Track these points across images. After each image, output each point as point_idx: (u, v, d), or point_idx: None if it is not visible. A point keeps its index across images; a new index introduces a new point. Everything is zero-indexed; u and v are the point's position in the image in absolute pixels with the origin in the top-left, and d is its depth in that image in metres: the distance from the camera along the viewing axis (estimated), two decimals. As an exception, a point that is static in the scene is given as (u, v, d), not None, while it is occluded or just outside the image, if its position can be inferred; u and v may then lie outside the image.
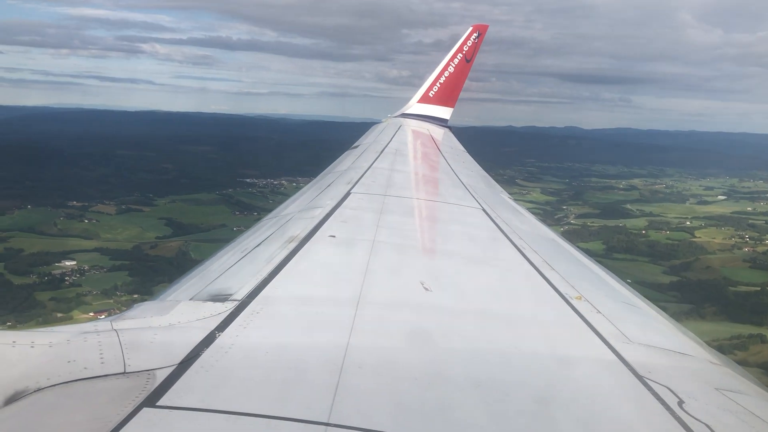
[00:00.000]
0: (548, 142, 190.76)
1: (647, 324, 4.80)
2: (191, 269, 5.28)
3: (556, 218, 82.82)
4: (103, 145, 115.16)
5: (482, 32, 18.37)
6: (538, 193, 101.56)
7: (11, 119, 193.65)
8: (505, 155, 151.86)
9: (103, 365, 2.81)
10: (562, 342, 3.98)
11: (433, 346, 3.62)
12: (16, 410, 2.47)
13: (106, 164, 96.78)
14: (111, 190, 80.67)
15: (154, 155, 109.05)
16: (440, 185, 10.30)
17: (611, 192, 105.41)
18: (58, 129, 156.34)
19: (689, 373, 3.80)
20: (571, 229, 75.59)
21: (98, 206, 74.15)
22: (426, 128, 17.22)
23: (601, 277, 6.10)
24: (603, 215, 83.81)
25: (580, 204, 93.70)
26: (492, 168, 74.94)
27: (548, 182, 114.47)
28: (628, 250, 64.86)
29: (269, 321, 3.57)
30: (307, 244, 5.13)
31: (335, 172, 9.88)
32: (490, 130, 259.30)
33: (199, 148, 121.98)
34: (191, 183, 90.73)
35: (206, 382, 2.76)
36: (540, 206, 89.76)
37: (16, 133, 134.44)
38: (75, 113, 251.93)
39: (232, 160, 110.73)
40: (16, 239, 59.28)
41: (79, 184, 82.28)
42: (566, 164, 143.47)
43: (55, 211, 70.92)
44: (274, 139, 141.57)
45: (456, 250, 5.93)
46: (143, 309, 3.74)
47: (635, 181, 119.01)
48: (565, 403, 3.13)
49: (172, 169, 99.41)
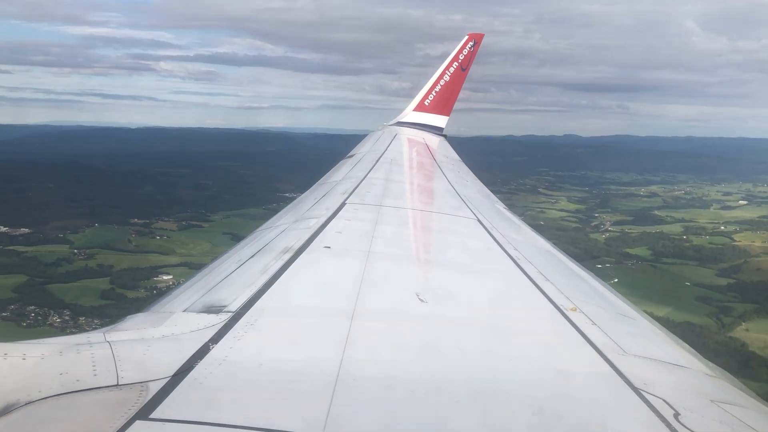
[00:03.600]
0: (558, 151, 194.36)
1: (643, 336, 4.80)
2: (185, 280, 5.25)
3: (593, 225, 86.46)
4: (138, 163, 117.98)
5: (478, 41, 18.32)
6: (565, 202, 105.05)
7: (25, 138, 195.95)
8: (518, 165, 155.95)
9: (95, 377, 2.79)
10: (557, 354, 3.98)
11: (428, 358, 3.61)
12: (8, 423, 2.47)
13: (149, 182, 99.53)
14: (166, 207, 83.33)
15: (190, 172, 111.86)
16: (435, 195, 10.22)
17: (635, 199, 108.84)
18: (78, 147, 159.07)
19: (685, 385, 3.79)
20: (612, 236, 78.98)
21: (159, 223, 76.91)
22: (422, 137, 17.11)
23: (596, 288, 6.11)
24: (636, 222, 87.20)
25: (609, 211, 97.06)
26: (511, 178, 79.76)
27: (569, 191, 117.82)
28: (676, 255, 68.26)
29: (263, 333, 3.56)
30: (302, 255, 5.12)
31: (330, 182, 9.85)
32: (492, 140, 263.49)
33: (229, 164, 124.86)
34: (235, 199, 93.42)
35: (200, 395, 2.76)
36: (572, 214, 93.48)
37: (41, 153, 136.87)
38: (85, 131, 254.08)
39: (264, 175, 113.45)
40: (101, 256, 61.89)
41: (133, 201, 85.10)
42: (579, 172, 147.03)
43: (121, 228, 73.63)
44: (289, 152, 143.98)
45: (451, 261, 5.93)
46: (136, 320, 3.74)
47: (653, 188, 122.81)
48: (561, 415, 3.13)
49: (212, 185, 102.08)
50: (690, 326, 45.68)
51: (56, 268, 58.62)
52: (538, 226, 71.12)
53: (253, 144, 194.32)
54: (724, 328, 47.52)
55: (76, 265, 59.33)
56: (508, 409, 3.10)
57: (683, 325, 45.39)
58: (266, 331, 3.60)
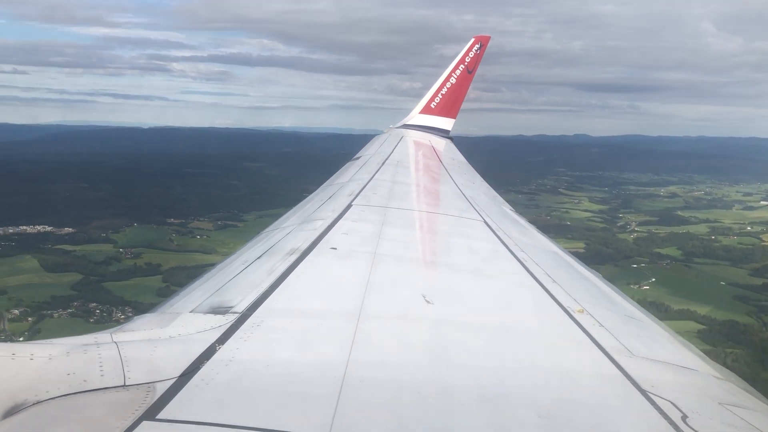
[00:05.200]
0: (572, 151, 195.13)
1: (650, 338, 4.78)
2: (192, 281, 5.30)
3: (619, 226, 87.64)
4: (163, 163, 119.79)
5: (484, 44, 18.29)
6: (587, 202, 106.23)
7: (41, 138, 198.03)
8: (534, 165, 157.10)
9: (102, 378, 2.81)
10: (564, 355, 3.97)
11: (435, 359, 3.61)
12: (16, 423, 2.49)
13: (179, 182, 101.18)
14: (199, 208, 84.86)
15: (217, 172, 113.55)
16: (441, 197, 10.20)
17: (656, 200, 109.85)
18: (96, 146, 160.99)
19: (693, 388, 3.77)
20: (640, 236, 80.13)
21: (195, 222, 78.54)
22: (428, 139, 17.09)
23: (602, 290, 6.11)
24: (661, 222, 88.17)
25: (632, 212, 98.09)
26: (530, 178, 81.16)
27: (589, 191, 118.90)
28: (706, 255, 69.35)
29: (270, 334, 3.58)
30: (309, 257, 5.14)
31: (336, 183, 9.88)
32: (502, 140, 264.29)
33: (254, 164, 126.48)
34: (264, 199, 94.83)
35: (207, 396, 2.77)
36: (597, 215, 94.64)
37: (64, 153, 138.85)
38: (99, 131, 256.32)
39: (288, 175, 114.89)
40: (147, 255, 63.44)
41: (166, 201, 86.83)
42: (596, 173, 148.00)
43: (160, 228, 75.28)
44: (305, 152, 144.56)
45: (458, 263, 5.89)
46: (143, 321, 3.76)
47: (672, 188, 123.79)
48: (568, 417, 3.11)
49: (240, 186, 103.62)
50: (734, 324, 46.97)
51: (107, 267, 60.22)
52: (566, 227, 72.41)
53: (269, 144, 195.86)
54: (766, 327, 48.67)
55: (125, 264, 60.86)
56: (515, 411, 3.09)
57: (728, 324, 46.71)
58: (273, 332, 3.62)
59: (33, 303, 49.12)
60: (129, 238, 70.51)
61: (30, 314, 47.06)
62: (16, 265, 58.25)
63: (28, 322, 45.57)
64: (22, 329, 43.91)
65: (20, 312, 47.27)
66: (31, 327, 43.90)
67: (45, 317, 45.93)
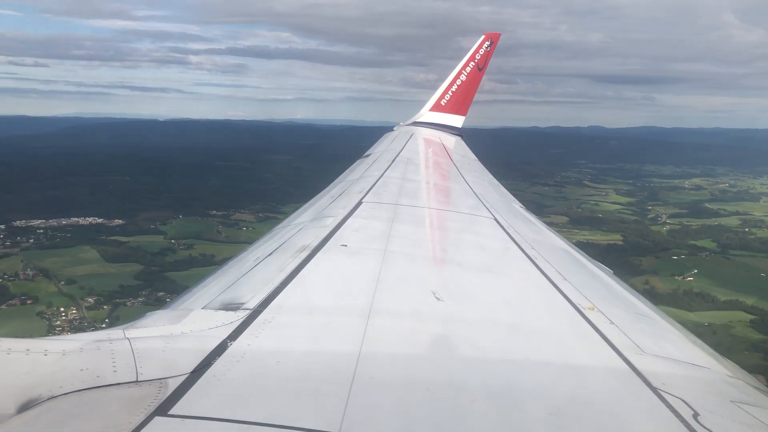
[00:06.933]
0: (590, 143, 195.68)
1: (661, 335, 4.78)
2: (203, 277, 5.36)
3: (650, 218, 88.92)
4: (195, 155, 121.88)
5: (494, 40, 18.26)
6: (614, 195, 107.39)
7: (64, 130, 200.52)
8: (555, 157, 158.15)
9: (115, 373, 2.85)
10: (575, 353, 3.98)
11: (445, 356, 3.64)
12: (30, 418, 2.53)
13: (214, 175, 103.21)
14: (237, 200, 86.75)
15: (248, 165, 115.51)
16: (452, 194, 10.18)
17: (682, 192, 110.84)
18: (120, 138, 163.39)
19: (704, 386, 3.78)
20: (673, 228, 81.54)
21: (237, 214, 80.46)
22: (438, 136, 17.02)
23: (613, 288, 6.11)
24: (691, 214, 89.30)
25: (661, 204, 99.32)
26: (554, 170, 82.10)
27: (614, 183, 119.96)
28: (743, 247, 70.60)
29: (281, 330, 3.61)
30: (319, 254, 5.17)
31: (347, 180, 9.89)
32: (517, 131, 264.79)
33: (283, 157, 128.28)
34: (298, 191, 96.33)
35: (218, 392, 2.80)
36: (626, 207, 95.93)
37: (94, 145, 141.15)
38: (118, 123, 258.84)
39: (315, 168, 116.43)
40: (198, 246, 65.34)
41: (205, 193, 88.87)
42: (617, 165, 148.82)
43: (205, 220, 77.28)
44: (326, 144, 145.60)
45: (468, 260, 5.91)
46: (156, 317, 3.80)
47: (695, 180, 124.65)
48: (579, 415, 3.12)
49: (273, 179, 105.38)
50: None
51: (163, 257, 62.19)
52: (598, 219, 73.59)
53: (287, 136, 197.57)
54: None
55: (180, 255, 62.76)
56: (525, 409, 3.10)
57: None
58: (284, 328, 3.65)
59: (104, 292, 51.14)
60: (177, 229, 72.44)
61: (103, 303, 49.14)
62: (77, 255, 60.37)
63: (104, 310, 47.61)
64: (100, 317, 45.96)
65: (94, 301, 49.37)
66: (109, 315, 45.90)
67: (119, 306, 47.91)
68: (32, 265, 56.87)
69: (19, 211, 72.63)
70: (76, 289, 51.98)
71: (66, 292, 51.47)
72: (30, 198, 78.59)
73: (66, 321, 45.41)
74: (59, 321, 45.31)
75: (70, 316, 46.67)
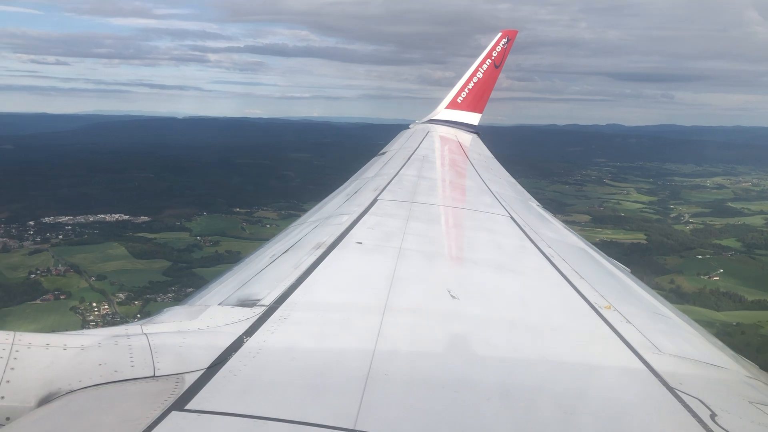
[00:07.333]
0: (609, 141, 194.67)
1: (678, 335, 4.74)
2: (220, 274, 5.41)
3: (673, 217, 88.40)
4: (220, 153, 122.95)
5: (511, 38, 18.17)
6: (635, 193, 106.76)
7: (83, 128, 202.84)
8: (573, 155, 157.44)
9: (133, 368, 2.89)
10: (590, 352, 3.97)
11: (460, 354, 3.64)
12: (49, 411, 2.61)
13: (235, 172, 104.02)
14: (260, 197, 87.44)
15: (268, 162, 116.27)
16: (467, 192, 10.10)
17: (704, 191, 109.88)
18: (141, 136, 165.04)
19: (722, 386, 3.75)
20: (696, 228, 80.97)
21: (259, 212, 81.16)
22: (454, 134, 16.89)
23: (630, 286, 6.08)
24: (714, 213, 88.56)
25: (683, 203, 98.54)
26: (571, 169, 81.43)
27: (635, 182, 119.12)
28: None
29: (296, 326, 3.63)
30: (334, 251, 5.19)
31: (362, 178, 9.88)
32: (534, 129, 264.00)
33: (302, 155, 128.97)
34: (319, 189, 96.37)
35: (234, 387, 2.82)
36: (648, 206, 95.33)
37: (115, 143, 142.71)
38: (139, 121, 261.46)
39: (334, 165, 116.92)
40: (224, 243, 66.10)
41: (228, 191, 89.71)
42: (637, 163, 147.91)
43: (228, 217, 78.08)
44: (343, 142, 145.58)
45: (483, 258, 5.87)
46: (173, 313, 3.83)
47: (718, 179, 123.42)
48: (594, 414, 3.11)
49: (293, 176, 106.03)
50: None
51: (190, 254, 63.04)
52: (621, 218, 73.06)
53: (304, 134, 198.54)
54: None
55: (207, 252, 63.53)
56: (540, 407, 3.10)
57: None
58: (299, 325, 3.67)
59: (134, 287, 52.04)
60: (202, 226, 73.33)
61: (134, 298, 49.95)
62: (106, 251, 61.39)
63: (135, 305, 48.39)
64: (132, 312, 46.69)
65: (125, 296, 50.18)
66: (140, 310, 46.61)
67: (149, 301, 48.64)
68: (63, 261, 58.00)
69: (47, 207, 73.95)
70: (106, 284, 52.94)
71: (97, 288, 52.49)
72: (56, 195, 79.96)
73: (99, 316, 46.29)
74: (92, 316, 46.20)
75: (103, 311, 47.58)
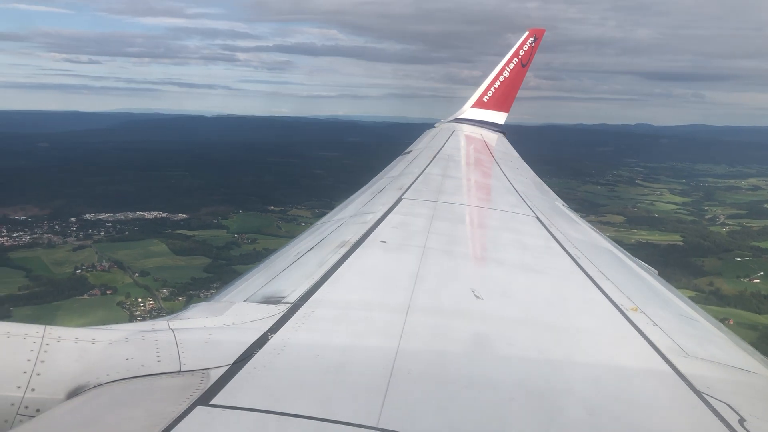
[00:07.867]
0: (639, 141, 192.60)
1: (706, 338, 4.67)
2: (246, 271, 5.46)
3: (708, 219, 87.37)
4: (250, 151, 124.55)
5: (539, 36, 18.04)
6: (668, 194, 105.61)
7: (114, 126, 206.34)
8: (604, 155, 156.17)
9: (159, 363, 2.94)
10: (616, 354, 3.93)
11: (483, 354, 3.62)
12: (78, 404, 2.67)
13: (268, 171, 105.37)
14: (293, 195, 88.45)
15: (300, 161, 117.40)
16: (492, 192, 10.04)
17: (739, 192, 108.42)
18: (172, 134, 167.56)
19: (751, 390, 3.68)
20: (732, 229, 79.96)
21: (294, 210, 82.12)
22: (479, 133, 16.77)
23: (657, 288, 6.00)
24: (751, 215, 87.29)
25: (717, 204, 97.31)
26: (603, 169, 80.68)
27: (668, 183, 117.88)
28: (808, 249, 69.10)
29: (320, 324, 3.65)
30: (358, 249, 5.21)
31: (387, 177, 9.90)
32: (562, 128, 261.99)
33: (331, 153, 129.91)
34: (350, 188, 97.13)
35: (258, 383, 2.86)
36: (682, 207, 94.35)
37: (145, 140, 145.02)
38: (168, 119, 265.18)
39: (364, 165, 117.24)
40: (261, 241, 67.03)
41: (261, 189, 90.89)
42: (669, 164, 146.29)
43: (264, 215, 79.14)
44: (371, 141, 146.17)
45: (508, 258, 5.83)
46: (199, 309, 3.87)
47: (752, 180, 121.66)
48: (619, 417, 3.08)
49: (325, 175, 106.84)
50: None
51: (228, 251, 64.14)
52: (655, 219, 72.33)
53: (332, 133, 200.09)
54: None
55: (245, 249, 64.55)
56: (564, 408, 3.07)
57: None
58: (323, 322, 3.69)
59: (177, 284, 53.21)
60: (239, 224, 74.49)
61: (177, 294, 51.04)
62: (148, 248, 62.78)
63: (180, 301, 49.44)
64: (177, 307, 47.62)
65: (168, 292, 51.30)
66: (185, 305, 47.32)
67: (193, 297, 49.66)
68: (106, 257, 59.40)
69: (86, 204, 75.65)
70: (150, 280, 54.16)
71: (141, 284, 53.71)
72: (94, 192, 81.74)
73: (145, 311, 47.42)
74: (138, 311, 47.34)
75: (148, 306, 48.74)
